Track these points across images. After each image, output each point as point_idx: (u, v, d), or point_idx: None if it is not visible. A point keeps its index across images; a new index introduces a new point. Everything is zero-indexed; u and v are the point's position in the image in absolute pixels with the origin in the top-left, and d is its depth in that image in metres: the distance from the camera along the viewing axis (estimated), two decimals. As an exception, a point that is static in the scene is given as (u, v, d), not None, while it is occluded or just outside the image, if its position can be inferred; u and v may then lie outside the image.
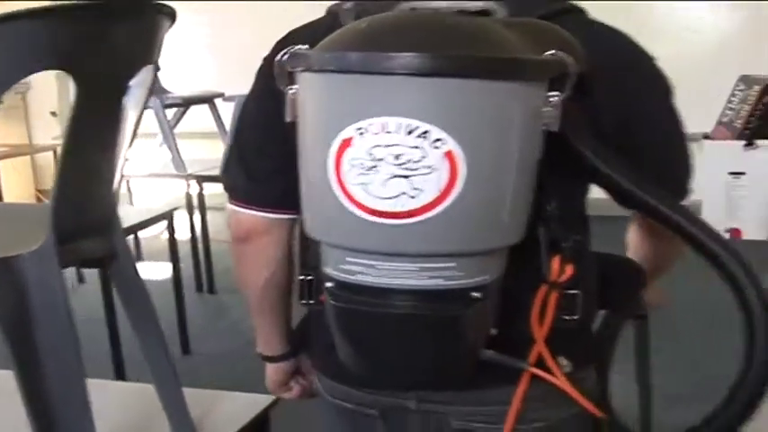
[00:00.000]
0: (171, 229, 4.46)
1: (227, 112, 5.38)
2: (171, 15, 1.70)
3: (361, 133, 1.10)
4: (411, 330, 1.22)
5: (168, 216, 4.40)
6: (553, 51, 1.15)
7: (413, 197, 1.10)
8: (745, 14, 6.75)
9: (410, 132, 1.08)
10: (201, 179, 5.40)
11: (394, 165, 1.09)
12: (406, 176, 1.10)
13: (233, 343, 4.62)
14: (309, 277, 1.38)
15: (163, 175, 5.79)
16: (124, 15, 1.52)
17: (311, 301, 1.40)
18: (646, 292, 1.55)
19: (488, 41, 1.13)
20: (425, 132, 1.08)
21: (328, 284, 1.24)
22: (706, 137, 6.47)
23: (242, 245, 1.54)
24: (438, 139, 1.08)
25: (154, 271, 5.76)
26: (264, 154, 1.46)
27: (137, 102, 1.72)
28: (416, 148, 1.09)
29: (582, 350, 1.45)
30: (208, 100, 5.79)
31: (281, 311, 1.64)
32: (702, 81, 6.43)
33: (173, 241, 4.51)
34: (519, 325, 1.33)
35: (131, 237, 5.72)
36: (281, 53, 1.18)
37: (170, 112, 5.78)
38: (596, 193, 1.41)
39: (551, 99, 1.15)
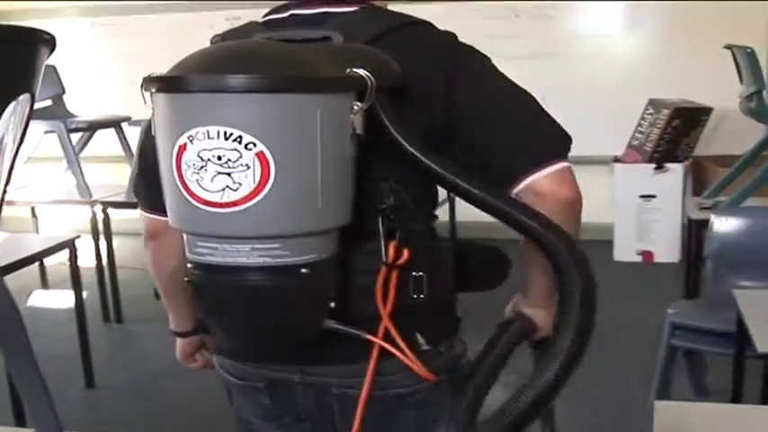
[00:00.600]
0: (73, 256, 4.31)
1: (135, 135, 5.27)
2: (49, 42, 1.61)
3: (191, 140, 1.33)
4: (254, 301, 1.43)
5: (70, 243, 4.27)
6: (354, 70, 1.39)
7: (234, 190, 1.33)
8: (654, 39, 6.84)
9: (227, 138, 1.31)
10: (107, 205, 5.27)
11: (217, 164, 1.32)
12: (228, 173, 1.32)
13: (139, 375, 4.49)
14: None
15: (67, 202, 5.63)
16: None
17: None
18: (542, 318, 1.74)
19: (297, 63, 1.38)
20: (239, 137, 1.31)
21: (189, 266, 1.46)
22: (616, 160, 6.53)
23: (151, 242, 1.83)
24: (250, 143, 1.31)
25: (59, 299, 5.63)
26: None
27: (13, 132, 1.62)
28: (234, 150, 1.31)
29: (437, 327, 1.67)
30: (114, 124, 5.66)
31: (185, 295, 1.80)
32: (612, 105, 6.53)
33: (75, 269, 4.36)
34: (371, 303, 1.56)
35: (36, 264, 5.58)
36: (143, 79, 1.41)
37: (76, 137, 5.64)
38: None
39: (355, 107, 1.39)
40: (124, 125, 5.65)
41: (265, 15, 1.69)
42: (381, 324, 1.55)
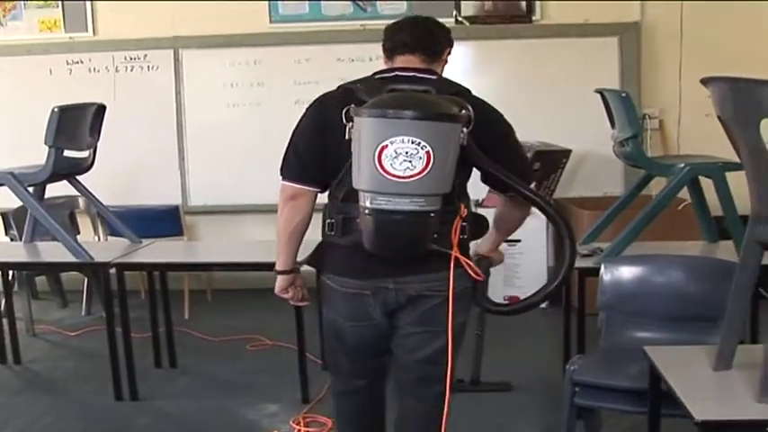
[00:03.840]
0: None
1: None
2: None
3: (392, 143, 2.53)
4: (404, 229, 2.64)
5: None
6: (464, 111, 2.65)
7: (411, 170, 2.54)
8: (509, 82, 6.84)
9: (412, 143, 2.53)
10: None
11: (405, 156, 2.53)
12: (410, 161, 2.53)
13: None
14: (332, 220, 2.86)
15: None
16: None
17: (333, 233, 2.86)
18: (494, 252, 3.15)
19: (442, 106, 2.64)
20: (419, 143, 2.53)
21: (366, 211, 2.63)
22: (479, 205, 6.40)
23: (290, 202, 2.92)
24: (424, 146, 2.53)
25: None
26: (312, 157, 2.86)
27: None
28: (416, 149, 2.53)
29: (468, 255, 2.90)
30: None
31: (297, 243, 3.01)
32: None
33: None
34: (446, 237, 2.77)
35: None
36: (346, 108, 2.67)
37: None
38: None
39: (463, 131, 2.63)
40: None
41: (375, 73, 2.92)
42: (454, 248, 2.77)
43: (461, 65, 6.87)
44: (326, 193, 2.92)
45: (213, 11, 6.87)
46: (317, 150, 2.84)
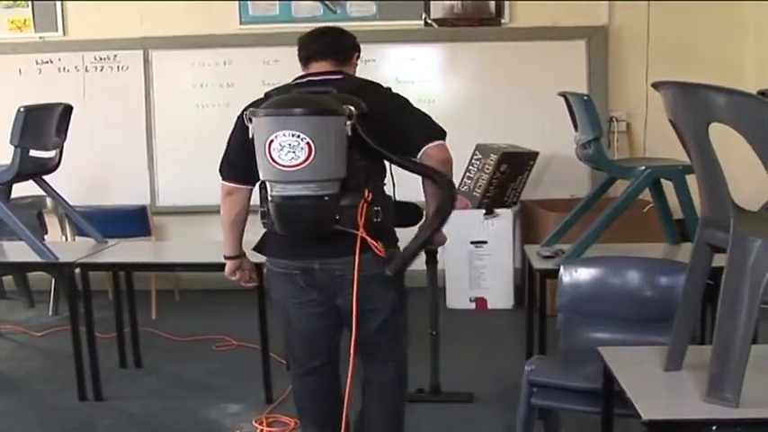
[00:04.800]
0: None
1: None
2: None
3: (277, 137, 2.96)
4: (302, 212, 3.06)
5: None
6: (347, 105, 2.99)
7: (296, 160, 2.94)
8: (476, 85, 6.88)
9: (293, 136, 2.94)
10: None
11: (288, 147, 2.95)
12: (294, 152, 2.94)
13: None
14: (264, 209, 3.20)
15: None
16: None
17: (265, 221, 3.22)
18: (436, 234, 3.22)
19: (321, 103, 3.02)
20: (300, 136, 2.94)
21: (270, 198, 3.10)
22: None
23: (228, 197, 3.39)
24: (305, 138, 2.94)
25: None
26: (240, 161, 3.26)
27: None
28: (297, 141, 2.93)
29: (387, 240, 3.20)
30: None
31: (239, 232, 3.48)
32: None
33: None
34: (353, 221, 3.07)
35: None
36: (248, 111, 3.09)
37: None
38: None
39: (347, 124, 3.00)
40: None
41: (294, 80, 3.31)
42: (360, 229, 3.06)
43: (430, 67, 6.93)
44: None
45: (183, 11, 6.91)
46: (244, 155, 3.20)
